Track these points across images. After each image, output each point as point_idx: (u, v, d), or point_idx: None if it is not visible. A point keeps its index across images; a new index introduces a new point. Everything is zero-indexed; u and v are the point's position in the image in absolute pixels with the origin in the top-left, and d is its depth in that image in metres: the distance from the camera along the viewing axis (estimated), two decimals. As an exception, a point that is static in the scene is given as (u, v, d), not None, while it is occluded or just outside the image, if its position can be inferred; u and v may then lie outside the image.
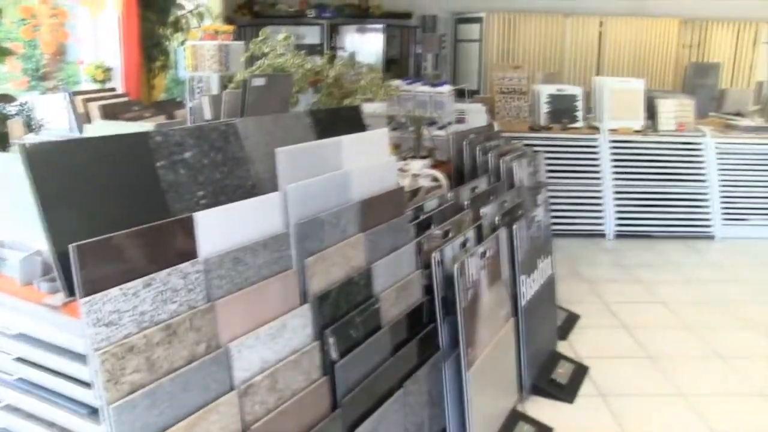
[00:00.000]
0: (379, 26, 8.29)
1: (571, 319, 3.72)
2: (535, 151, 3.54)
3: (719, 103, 7.15)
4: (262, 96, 2.71)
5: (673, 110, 5.69)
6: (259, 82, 2.69)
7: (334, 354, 1.84)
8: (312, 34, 8.07)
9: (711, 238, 5.53)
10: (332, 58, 3.59)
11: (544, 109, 5.60)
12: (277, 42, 3.33)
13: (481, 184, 2.92)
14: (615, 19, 8.23)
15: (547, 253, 3.17)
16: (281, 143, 1.91)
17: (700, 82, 7.70)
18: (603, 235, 5.47)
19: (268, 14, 8.02)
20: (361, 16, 8.30)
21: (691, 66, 8.15)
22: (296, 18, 8.09)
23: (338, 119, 2.34)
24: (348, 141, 2.11)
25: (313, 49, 7.00)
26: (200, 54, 3.29)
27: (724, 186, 5.56)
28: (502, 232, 2.60)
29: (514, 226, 2.68)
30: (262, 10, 8.08)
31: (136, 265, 1.43)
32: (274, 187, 1.84)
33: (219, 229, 1.61)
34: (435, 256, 2.18)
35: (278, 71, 3.21)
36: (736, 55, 8.58)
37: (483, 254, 2.39)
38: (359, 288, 1.99)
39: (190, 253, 1.54)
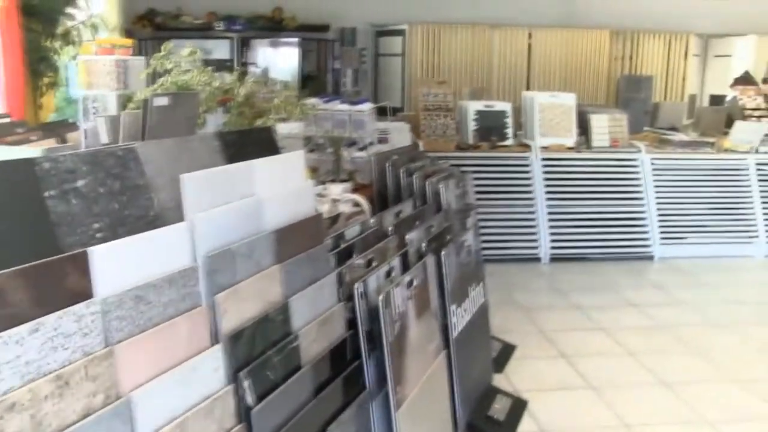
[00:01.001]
0: (294, 40, 8.38)
1: (507, 350, 3.83)
2: (463, 172, 3.66)
3: (653, 117, 7.58)
4: (166, 117, 2.71)
5: (607, 125, 5.99)
6: (162, 101, 2.69)
7: (249, 399, 1.84)
8: (221, 49, 8.07)
9: (650, 258, 5.82)
10: (243, 75, 3.61)
11: (472, 126, 5.79)
12: (182, 57, 3.33)
13: (406, 208, 2.99)
14: (544, 31, 8.61)
15: (478, 280, 3.27)
16: (187, 168, 1.92)
17: (633, 95, 8.14)
18: (538, 259, 5.67)
19: (172, 27, 7.96)
20: (275, 29, 8.36)
21: (624, 79, 8.62)
22: (203, 31, 8.07)
23: (250, 141, 2.36)
24: (261, 165, 2.13)
25: (222, 65, 7.00)
26: (95, 70, 3.24)
27: (661, 204, 5.89)
28: (430, 259, 2.67)
29: (443, 253, 2.76)
30: (165, 22, 8.01)
31: (20, 309, 1.40)
32: (179, 217, 1.85)
33: (118, 264, 1.60)
34: (358, 287, 2.22)
35: (183, 89, 3.21)
36: (669, 67, 9.12)
37: (409, 283, 2.45)
38: (276, 324, 2.01)
39: (84, 293, 1.52)
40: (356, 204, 3.10)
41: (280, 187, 2.19)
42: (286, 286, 2.08)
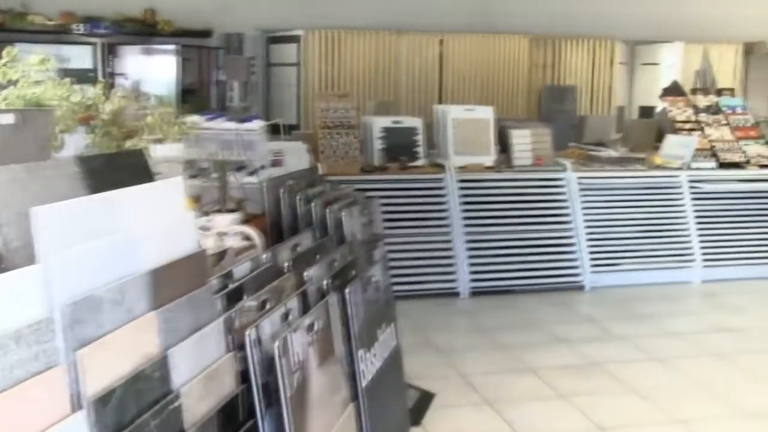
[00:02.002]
0: (171, 47, 8.29)
1: (425, 399, 3.87)
2: (369, 197, 3.70)
3: (579, 131, 7.92)
4: (12, 138, 2.62)
5: (529, 142, 6.20)
6: (7, 119, 2.60)
7: (122, 473, 1.79)
8: (81, 56, 7.88)
9: (580, 288, 6.03)
10: (109, 88, 3.55)
11: (379, 145, 5.87)
12: (31, 66, 3.24)
13: (305, 240, 3.00)
14: (457, 37, 8.84)
15: (389, 320, 3.30)
16: (39, 200, 1.86)
17: (556, 107, 8.50)
18: (456, 294, 5.76)
19: (17, 27, 7.66)
20: (147, 34, 8.24)
21: (546, 89, 8.98)
22: (58, 34, 7.85)
23: (118, 167, 2.32)
24: (131, 194, 2.10)
25: (83, 76, 6.82)
26: None
27: (590, 227, 6.12)
28: (333, 299, 2.68)
29: (347, 290, 2.77)
30: (7, 21, 7.70)
31: None
32: (30, 259, 1.79)
33: (-48, 319, 1.53)
34: (249, 333, 2.21)
35: (33, 105, 3.12)
36: (594, 76, 9.54)
37: (310, 327, 2.45)
38: (153, 382, 1.96)
39: None
40: (246, 237, 3.08)
41: (156, 220, 2.15)
42: (165, 336, 2.04)
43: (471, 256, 5.78)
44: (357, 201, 3.44)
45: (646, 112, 9.06)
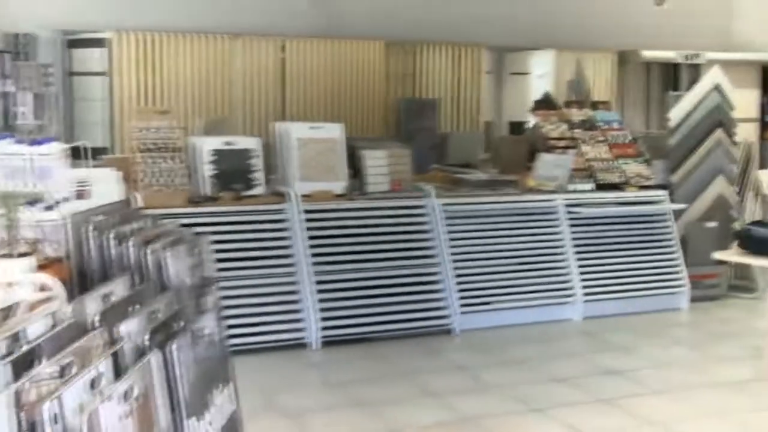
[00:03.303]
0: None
1: (272, 475, 3.81)
2: (198, 234, 3.64)
3: (442, 151, 8.11)
4: None
5: (385, 164, 6.29)
6: None
7: None
8: None
9: (449, 332, 6.14)
10: None
11: (209, 171, 5.80)
12: None
13: (118, 288, 2.91)
14: (301, 42, 8.86)
15: (226, 380, 3.24)
16: None
17: (416, 124, 8.66)
18: (305, 345, 5.75)
19: None
20: None
21: (404, 103, 9.13)
22: None
23: None
24: None
25: None
26: None
27: (458, 261, 6.26)
28: (154, 358, 2.61)
29: (172, 347, 2.71)
30: None
31: None
32: None
33: None
34: (48, 408, 2.11)
35: None
36: (459, 87, 9.79)
37: (126, 395, 2.37)
38: None
39: None
40: (43, 287, 2.96)
41: None
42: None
43: (321, 300, 5.78)
44: (183, 239, 3.38)
45: (517, 127, 9.38)
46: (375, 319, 5.92)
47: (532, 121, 8.16)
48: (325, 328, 5.78)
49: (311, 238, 5.85)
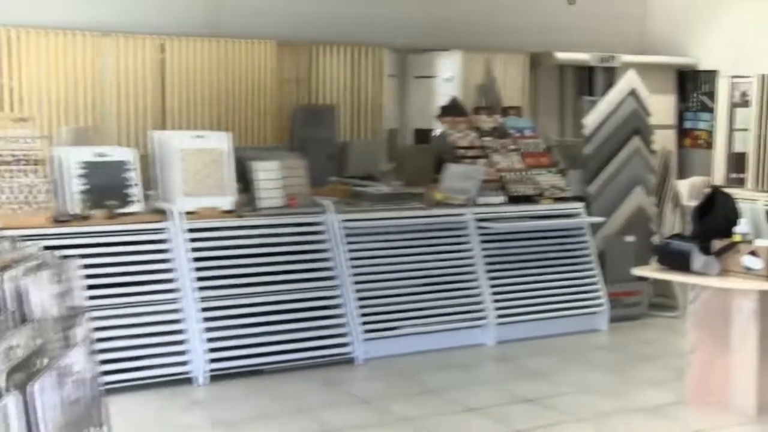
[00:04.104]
0: None
1: None
2: (65, 257, 3.53)
3: (341, 162, 8.08)
4: None
5: (278, 177, 6.23)
6: None
7: None
8: None
9: (351, 361, 6.11)
10: None
11: (77, 186, 5.67)
12: None
13: (-30, 322, 2.80)
14: (183, 42, 8.71)
15: (98, 423, 3.15)
16: None
17: (312, 133, 8.59)
18: (190, 381, 5.64)
19: None
20: None
21: (299, 110, 9.05)
22: None
23: None
24: None
25: None
26: None
27: (360, 283, 6.24)
28: (12, 402, 2.51)
29: (34, 388, 2.61)
30: None
31: None
32: None
33: None
34: None
35: None
36: (359, 92, 9.78)
37: (-21, 446, 2.27)
38: None
39: None
40: None
41: None
42: None
43: (208, 329, 5.69)
44: (47, 263, 3.27)
45: (423, 136, 9.40)
46: (269, 349, 5.84)
47: (438, 128, 8.20)
48: (212, 361, 5.68)
49: (196, 259, 5.76)
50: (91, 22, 8.33)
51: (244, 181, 6.18)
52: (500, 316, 6.71)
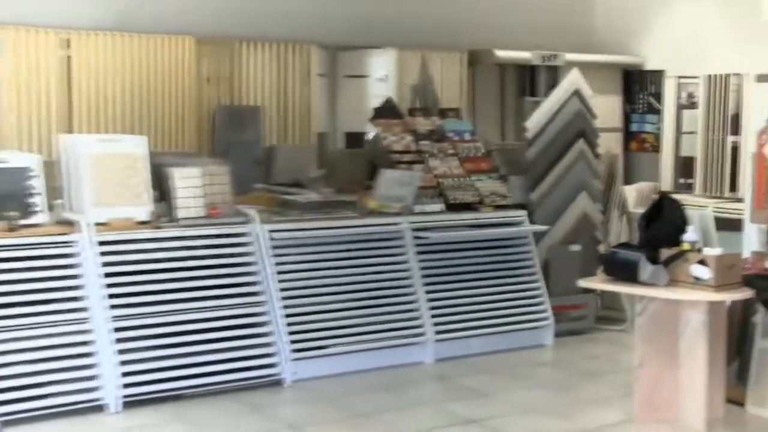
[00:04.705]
0: None
1: None
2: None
3: (267, 168, 8.00)
4: None
5: (199, 184, 6.14)
6: None
7: None
8: None
9: (278, 383, 6.05)
10: None
11: (-27, 196, 5.54)
12: None
13: None
14: (92, 37, 8.53)
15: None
16: None
17: (236, 136, 8.50)
18: (101, 408, 5.53)
19: None
20: None
21: (221, 112, 8.95)
22: None
23: None
24: None
25: None
26: None
27: (288, 299, 6.19)
28: None
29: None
30: None
31: None
32: None
33: None
34: None
35: None
36: (286, 93, 9.70)
37: None
38: None
39: None
40: None
41: None
42: None
43: (121, 351, 5.58)
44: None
45: (355, 139, 9.35)
46: (188, 372, 5.75)
47: (372, 132, 8.16)
48: (126, 386, 5.57)
49: (108, 275, 5.64)
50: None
51: (161, 190, 6.07)
52: (439, 332, 6.69)
